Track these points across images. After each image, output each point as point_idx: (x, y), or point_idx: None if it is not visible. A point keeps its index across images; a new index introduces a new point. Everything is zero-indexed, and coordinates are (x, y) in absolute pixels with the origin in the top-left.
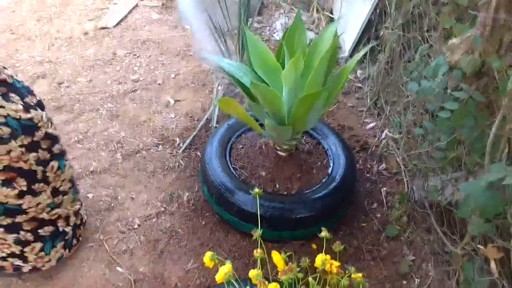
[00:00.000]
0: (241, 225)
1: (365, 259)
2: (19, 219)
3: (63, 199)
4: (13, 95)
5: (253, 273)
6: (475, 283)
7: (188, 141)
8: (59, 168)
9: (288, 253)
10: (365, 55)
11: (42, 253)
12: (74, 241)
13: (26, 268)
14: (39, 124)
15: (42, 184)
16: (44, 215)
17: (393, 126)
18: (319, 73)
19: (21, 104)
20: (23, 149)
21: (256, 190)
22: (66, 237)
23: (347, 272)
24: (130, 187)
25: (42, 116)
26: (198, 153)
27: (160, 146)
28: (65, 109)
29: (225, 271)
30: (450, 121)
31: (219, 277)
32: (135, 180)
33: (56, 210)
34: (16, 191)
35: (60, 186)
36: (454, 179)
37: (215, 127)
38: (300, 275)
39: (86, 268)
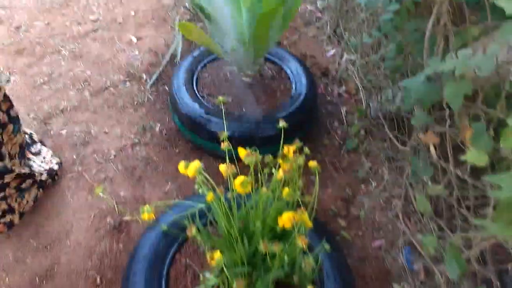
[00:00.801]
0: (212, 147)
1: (328, 170)
2: (7, 179)
3: (14, 162)
4: None
5: (223, 167)
6: (421, 171)
7: (154, 76)
8: (13, 131)
9: (252, 148)
10: None
11: (19, 199)
12: (49, 181)
13: (16, 218)
14: None
15: (3, 147)
16: (26, 170)
17: (351, 50)
18: None
19: None
20: None
21: (220, 98)
22: (38, 180)
23: (303, 154)
24: (102, 122)
25: None
26: (166, 87)
27: (128, 82)
28: (26, 53)
29: (195, 165)
30: (394, 23)
31: (191, 171)
32: (106, 116)
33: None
34: None
35: (11, 149)
36: (402, 87)
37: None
38: (266, 170)
39: (69, 196)
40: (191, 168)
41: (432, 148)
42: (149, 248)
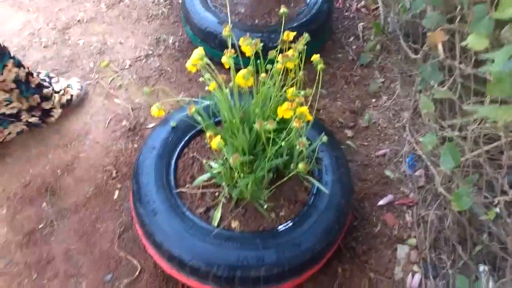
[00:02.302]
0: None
1: (339, 83)
2: None
3: (13, 94)
4: None
5: (224, 58)
6: (430, 76)
7: None
8: None
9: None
10: None
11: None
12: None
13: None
14: None
15: None
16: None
17: None
18: None
19: None
20: None
21: None
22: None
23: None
24: (118, 34)
25: None
26: (180, 1)
27: None
28: None
29: (198, 52)
30: None
31: (194, 59)
32: (122, 27)
33: (13, 104)
34: None
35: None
36: None
37: None
38: (268, 66)
39: (87, 100)
40: (194, 56)
41: (440, 46)
42: (159, 141)
